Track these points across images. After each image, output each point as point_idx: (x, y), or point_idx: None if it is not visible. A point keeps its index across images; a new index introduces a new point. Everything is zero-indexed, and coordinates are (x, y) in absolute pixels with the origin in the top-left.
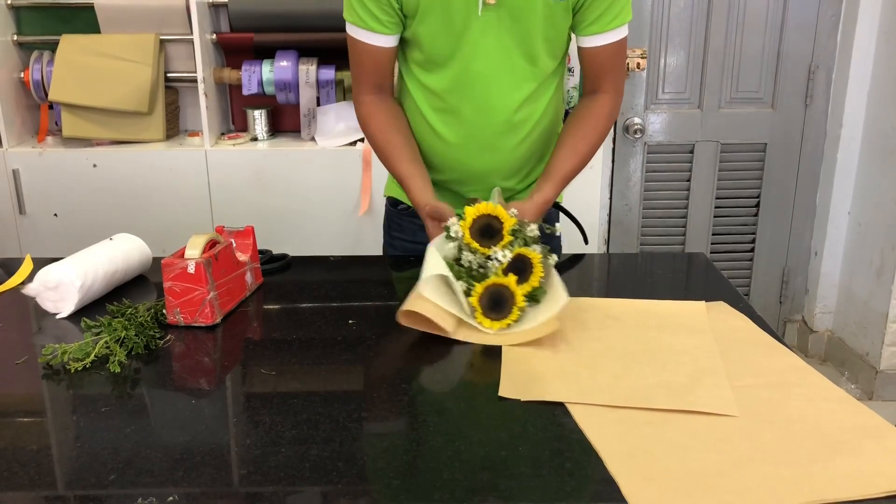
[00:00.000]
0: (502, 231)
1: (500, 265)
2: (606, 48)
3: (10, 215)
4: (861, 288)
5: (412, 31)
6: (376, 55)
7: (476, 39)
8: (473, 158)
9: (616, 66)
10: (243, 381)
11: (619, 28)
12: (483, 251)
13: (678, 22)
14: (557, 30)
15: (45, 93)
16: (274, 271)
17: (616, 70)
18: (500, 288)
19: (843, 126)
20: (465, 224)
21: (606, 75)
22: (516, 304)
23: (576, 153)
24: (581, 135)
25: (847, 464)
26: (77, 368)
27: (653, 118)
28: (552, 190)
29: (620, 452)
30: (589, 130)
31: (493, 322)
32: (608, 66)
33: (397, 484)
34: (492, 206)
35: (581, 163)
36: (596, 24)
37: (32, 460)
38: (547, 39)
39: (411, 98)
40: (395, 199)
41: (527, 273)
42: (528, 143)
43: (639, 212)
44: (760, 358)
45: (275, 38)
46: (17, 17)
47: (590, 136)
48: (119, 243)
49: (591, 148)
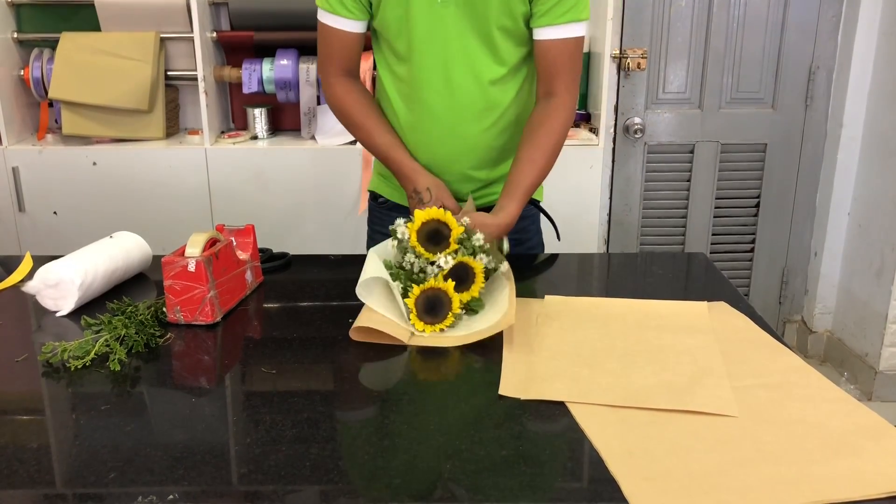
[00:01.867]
0: (449, 238)
1: (441, 271)
2: (558, 44)
3: (9, 213)
4: (861, 288)
5: (378, 19)
6: (344, 39)
7: (436, 27)
8: (439, 144)
9: (568, 65)
10: (243, 379)
11: (571, 24)
12: (427, 255)
13: (679, 22)
14: (514, 19)
15: (45, 90)
16: (274, 270)
17: (568, 70)
18: (438, 292)
19: (843, 126)
20: (412, 226)
21: (559, 75)
22: (451, 311)
23: (534, 166)
24: (536, 145)
25: (847, 464)
26: (77, 366)
27: (653, 118)
28: (515, 207)
29: (621, 452)
30: (544, 140)
31: (427, 325)
32: (560, 63)
33: (398, 483)
34: (441, 212)
35: (540, 174)
36: (547, 16)
37: (32, 458)
38: (503, 29)
39: (384, 88)
40: (376, 192)
41: (467, 282)
42: (494, 130)
43: (639, 212)
44: (761, 358)
45: (275, 37)
46: (18, 14)
47: (546, 147)
48: (119, 241)
49: (549, 158)
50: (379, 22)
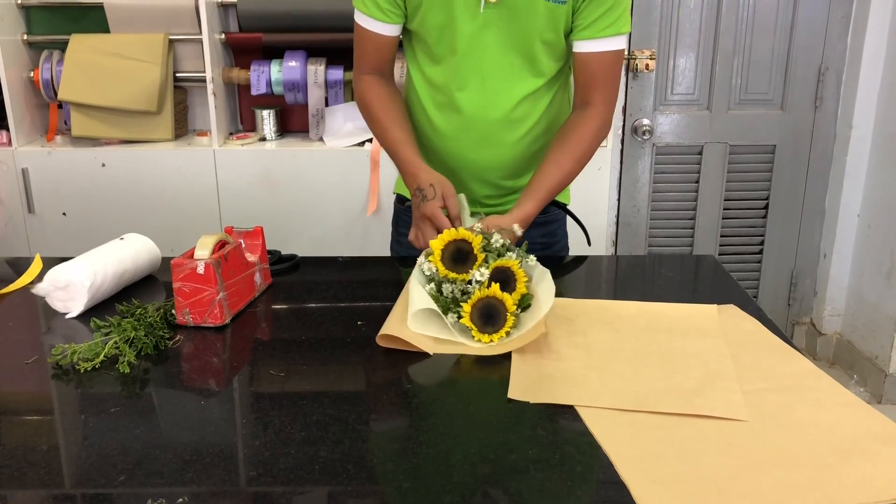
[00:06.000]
0: (473, 251)
1: (482, 284)
2: (599, 56)
3: (18, 214)
4: (870, 290)
5: (416, 24)
6: (378, 41)
7: (475, 36)
8: (471, 151)
9: (608, 77)
10: (252, 381)
11: (613, 37)
12: (462, 277)
13: (688, 23)
14: (557, 33)
15: (54, 92)
16: (283, 272)
17: (607, 82)
18: (489, 300)
19: (852, 128)
20: (435, 258)
21: (597, 87)
22: (508, 311)
23: (558, 168)
24: (564, 149)
25: (859, 469)
26: (86, 368)
27: (661, 119)
28: (532, 206)
29: (631, 456)
30: (574, 146)
31: (493, 335)
32: (600, 76)
33: (407, 486)
34: (454, 231)
35: (565, 178)
36: (589, 29)
37: (42, 460)
38: (546, 42)
39: (415, 91)
40: (403, 196)
41: (511, 282)
42: (527, 140)
43: (647, 213)
44: (771, 362)
45: (283, 39)
46: (27, 16)
47: (574, 152)
48: (128, 243)
49: (576, 163)
50: (418, 25)
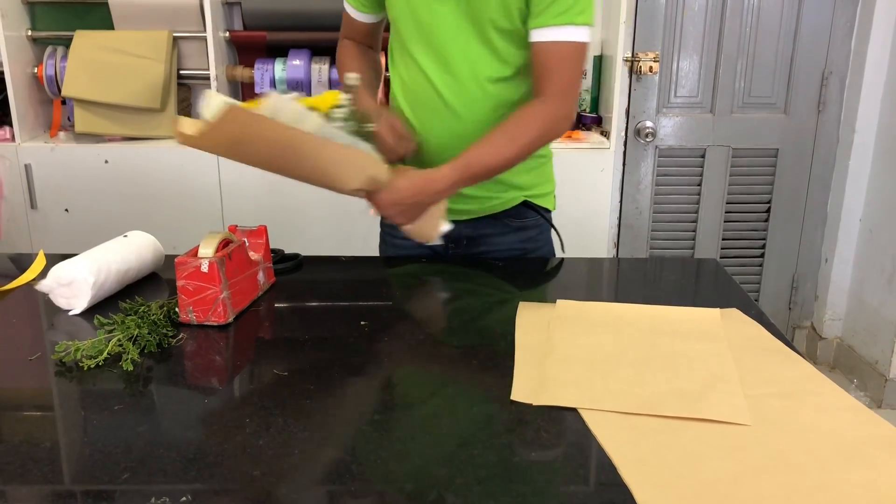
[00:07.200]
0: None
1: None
2: (550, 46)
3: (21, 210)
4: (871, 295)
5: (389, 13)
6: (356, 27)
7: (435, 23)
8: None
9: (560, 69)
10: (256, 380)
11: (566, 27)
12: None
13: (691, 26)
14: (512, 21)
15: (58, 88)
16: (286, 271)
17: (560, 74)
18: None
19: (855, 132)
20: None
21: (548, 78)
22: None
23: (489, 145)
24: (504, 132)
25: (862, 475)
26: (90, 366)
27: (664, 122)
28: (448, 170)
29: (634, 459)
30: (513, 130)
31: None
32: (550, 66)
33: (410, 487)
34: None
35: (494, 156)
36: (542, 17)
37: (46, 457)
38: (500, 29)
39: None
40: None
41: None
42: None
43: (649, 215)
44: (774, 366)
45: (288, 37)
46: (32, 12)
47: (513, 136)
48: (132, 240)
49: (515, 149)
50: (389, 9)
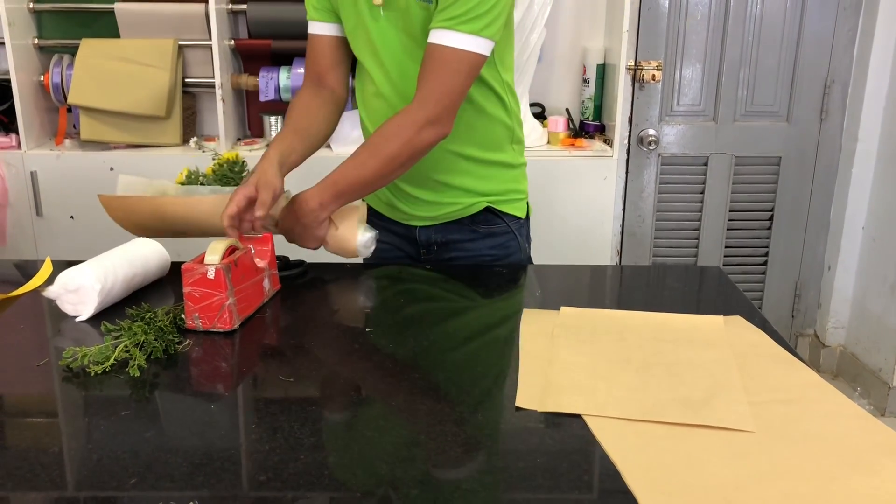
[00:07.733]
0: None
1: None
2: (432, 49)
3: (27, 217)
4: (874, 303)
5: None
6: (316, 44)
7: (381, 37)
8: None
9: (433, 73)
10: (262, 386)
11: (449, 31)
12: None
13: (694, 34)
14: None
15: (64, 96)
16: (291, 278)
17: (430, 78)
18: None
19: (858, 140)
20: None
21: (422, 81)
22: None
23: (354, 161)
24: (368, 147)
25: (865, 482)
26: (97, 372)
27: (667, 130)
28: (314, 192)
29: (638, 466)
30: (378, 144)
31: None
32: (426, 69)
33: (415, 494)
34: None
35: (358, 171)
36: (434, 20)
37: (53, 462)
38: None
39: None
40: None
41: None
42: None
43: (652, 223)
44: (778, 374)
45: (292, 45)
46: (39, 21)
47: (377, 150)
48: (138, 247)
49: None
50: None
